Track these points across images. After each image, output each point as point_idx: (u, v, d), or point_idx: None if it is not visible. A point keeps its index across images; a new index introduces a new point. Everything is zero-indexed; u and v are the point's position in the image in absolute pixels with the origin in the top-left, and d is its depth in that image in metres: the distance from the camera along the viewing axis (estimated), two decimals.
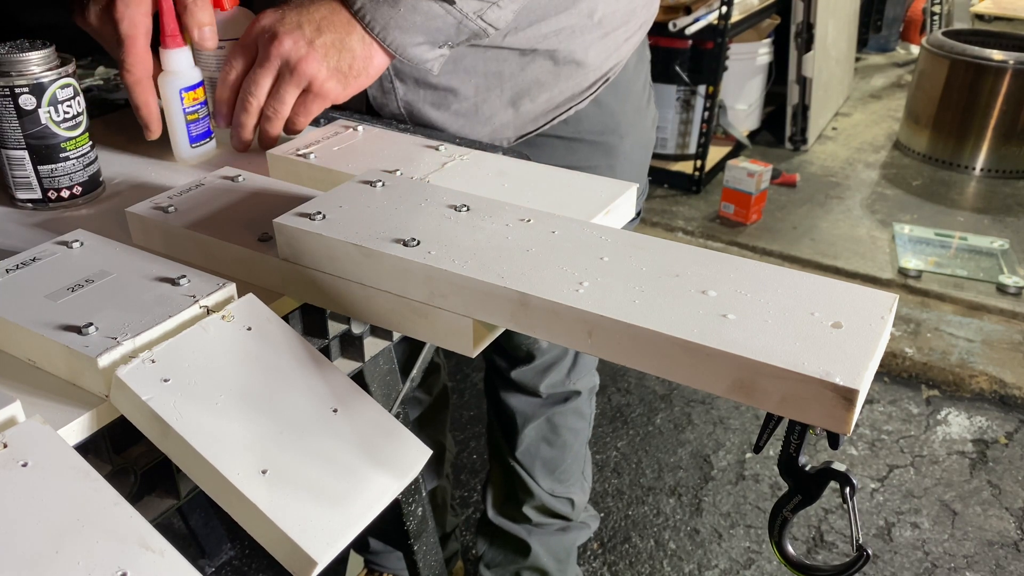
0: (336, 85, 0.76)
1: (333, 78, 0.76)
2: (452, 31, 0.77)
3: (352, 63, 0.76)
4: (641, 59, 1.07)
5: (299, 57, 0.74)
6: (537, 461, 1.29)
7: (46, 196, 0.73)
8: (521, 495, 1.33)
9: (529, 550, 1.37)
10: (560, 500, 1.34)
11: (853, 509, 0.48)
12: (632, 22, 0.98)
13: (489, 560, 1.42)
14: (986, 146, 3.18)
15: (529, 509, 1.34)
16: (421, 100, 0.92)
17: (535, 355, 1.17)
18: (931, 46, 3.26)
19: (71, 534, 0.39)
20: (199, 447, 0.45)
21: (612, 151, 1.04)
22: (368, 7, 0.75)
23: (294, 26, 0.74)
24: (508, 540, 1.38)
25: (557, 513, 1.35)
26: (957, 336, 2.23)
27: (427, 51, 0.78)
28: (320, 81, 0.75)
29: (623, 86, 1.03)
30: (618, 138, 1.04)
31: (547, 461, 1.30)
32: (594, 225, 0.57)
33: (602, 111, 1.01)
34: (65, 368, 0.50)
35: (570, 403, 1.26)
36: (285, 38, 0.74)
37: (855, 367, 0.42)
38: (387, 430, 0.51)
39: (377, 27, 0.75)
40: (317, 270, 0.57)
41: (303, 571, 0.44)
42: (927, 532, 1.66)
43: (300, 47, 0.74)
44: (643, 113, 1.09)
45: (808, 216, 2.88)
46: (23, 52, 0.68)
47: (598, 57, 0.95)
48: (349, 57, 0.76)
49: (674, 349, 0.45)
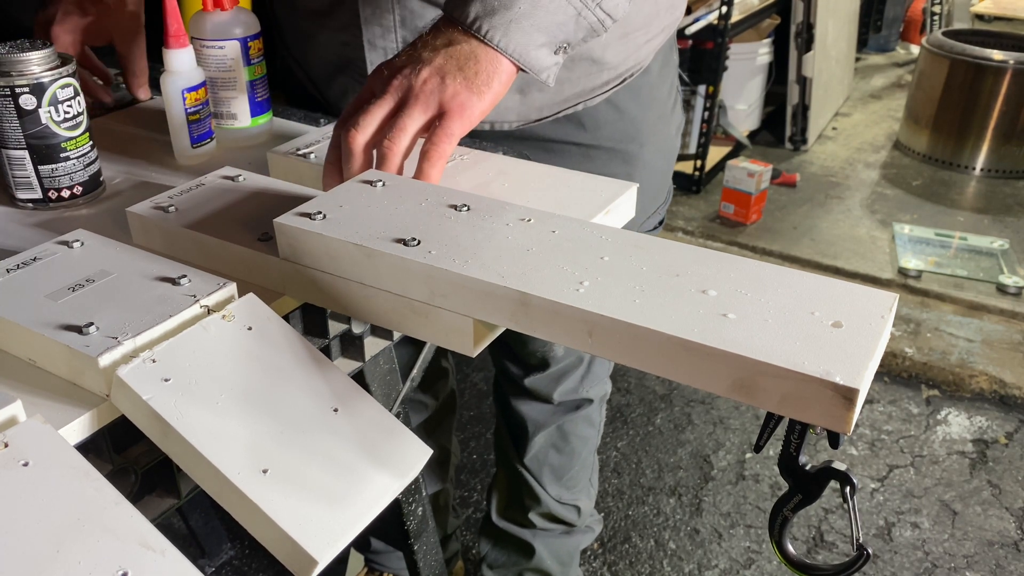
0: (471, 96, 0.67)
1: (464, 90, 0.67)
2: (571, 26, 0.71)
3: (478, 71, 0.67)
4: (667, 63, 1.04)
5: (421, 81, 0.66)
6: (545, 468, 1.29)
7: (46, 196, 0.73)
8: (527, 501, 1.33)
9: (533, 552, 1.37)
10: (566, 507, 1.34)
11: (853, 509, 0.48)
12: (654, 25, 0.96)
13: (492, 561, 1.42)
14: (986, 146, 3.18)
15: (535, 515, 1.34)
16: None
17: (550, 363, 1.16)
18: (931, 46, 3.26)
19: (72, 533, 0.39)
20: (200, 446, 0.45)
21: (631, 159, 1.01)
22: (483, 18, 0.68)
23: (411, 61, 0.68)
24: (512, 542, 1.38)
25: (562, 520, 1.35)
26: (957, 336, 2.23)
27: (547, 56, 0.71)
28: (449, 98, 0.67)
29: (646, 92, 1.00)
30: (638, 146, 1.01)
31: (555, 468, 1.30)
32: (594, 225, 0.57)
33: (622, 118, 0.99)
34: (66, 368, 0.50)
35: (581, 411, 1.26)
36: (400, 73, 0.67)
37: (855, 366, 0.42)
38: (387, 430, 0.51)
39: (497, 36, 0.67)
40: (317, 270, 0.57)
41: (304, 570, 0.44)
42: (927, 532, 1.66)
43: (423, 74, 0.67)
44: (667, 120, 1.06)
45: (808, 216, 2.88)
46: (23, 52, 0.68)
47: (616, 57, 0.94)
48: (474, 66, 0.67)
49: (674, 349, 0.45)
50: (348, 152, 0.66)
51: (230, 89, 0.84)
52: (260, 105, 0.86)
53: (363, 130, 0.65)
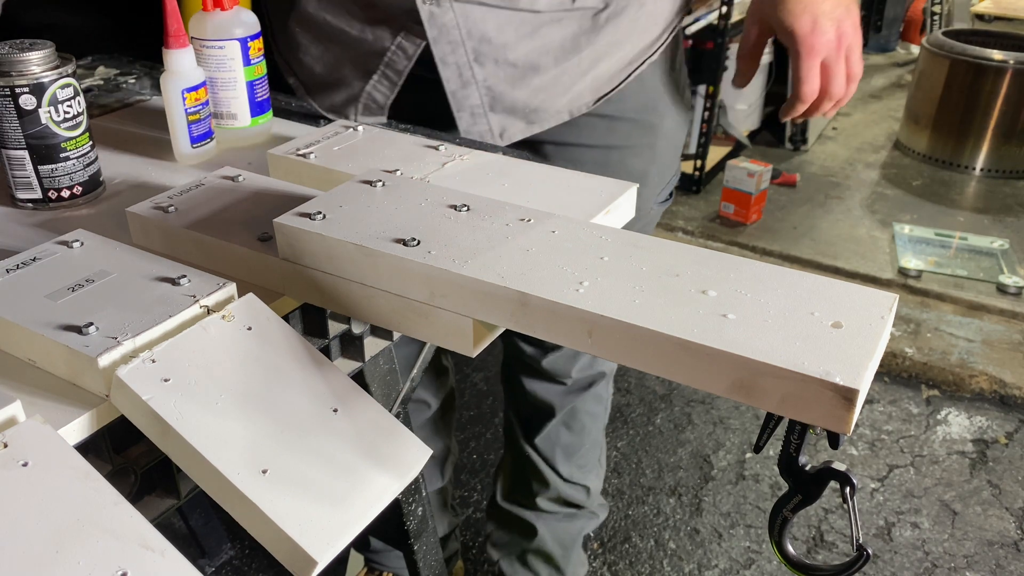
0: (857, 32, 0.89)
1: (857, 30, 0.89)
2: None
3: None
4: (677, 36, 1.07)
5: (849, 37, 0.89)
6: (557, 448, 1.30)
7: (46, 196, 0.73)
8: (535, 484, 1.34)
9: (535, 533, 1.37)
10: (576, 487, 1.34)
11: (853, 509, 0.48)
12: None
13: (496, 540, 1.43)
14: (986, 146, 3.18)
15: (542, 499, 1.35)
16: (502, 80, 0.92)
17: None
18: (931, 46, 3.26)
19: (71, 534, 0.39)
20: (199, 447, 0.45)
21: (653, 129, 1.04)
22: None
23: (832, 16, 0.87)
24: (515, 523, 1.39)
25: (570, 502, 1.36)
26: (957, 336, 2.23)
27: None
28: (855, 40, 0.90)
29: (664, 61, 1.03)
30: (659, 117, 1.03)
31: (566, 447, 1.30)
32: (594, 225, 0.57)
33: (644, 87, 1.01)
34: (65, 368, 0.50)
35: (593, 388, 1.26)
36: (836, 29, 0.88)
37: (855, 367, 0.42)
38: (387, 430, 0.51)
39: None
40: (317, 270, 0.57)
41: (303, 570, 0.44)
42: (927, 532, 1.66)
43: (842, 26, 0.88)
44: (683, 90, 1.09)
45: (808, 216, 2.88)
46: (23, 52, 0.68)
47: (665, 7, 0.97)
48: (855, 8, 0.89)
49: (674, 349, 0.45)
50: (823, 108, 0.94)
51: (230, 89, 0.84)
52: (260, 105, 0.86)
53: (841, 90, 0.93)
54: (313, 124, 0.93)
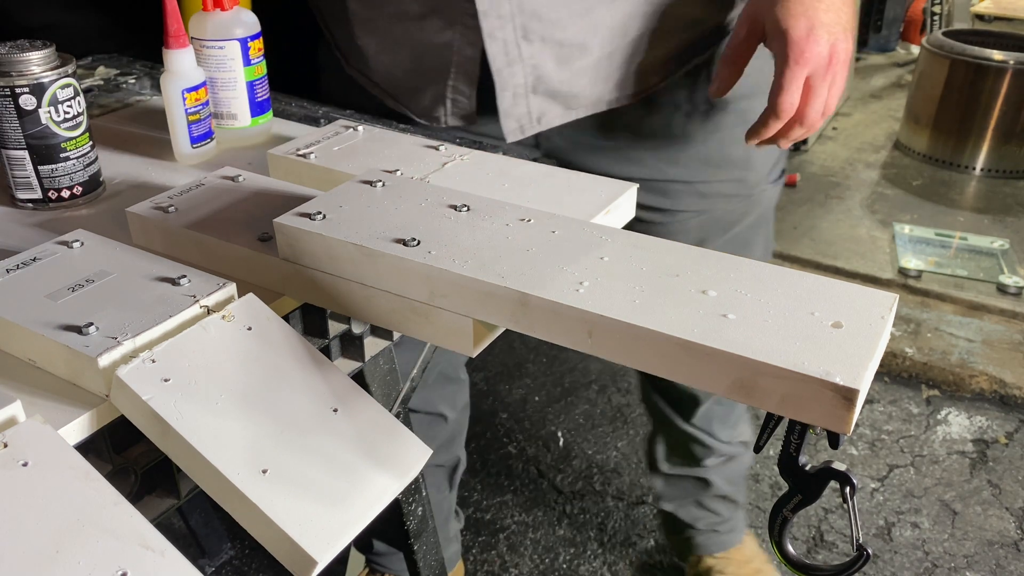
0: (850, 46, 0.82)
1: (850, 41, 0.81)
2: None
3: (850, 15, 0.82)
4: None
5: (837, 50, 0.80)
6: (714, 421, 1.31)
7: (46, 196, 0.73)
8: (698, 450, 1.35)
9: (709, 484, 1.39)
10: (734, 446, 1.36)
11: (853, 509, 0.48)
12: None
13: (667, 495, 1.44)
14: (986, 146, 3.18)
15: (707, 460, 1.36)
16: (548, 58, 0.89)
17: None
18: (931, 46, 3.26)
19: (71, 534, 0.39)
20: (199, 447, 0.45)
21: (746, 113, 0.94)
22: None
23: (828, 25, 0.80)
24: (686, 480, 1.40)
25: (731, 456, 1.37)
26: (957, 336, 2.23)
27: None
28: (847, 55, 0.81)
29: None
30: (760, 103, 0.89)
31: (722, 418, 1.31)
32: (594, 225, 0.57)
33: None
34: (65, 368, 0.50)
35: None
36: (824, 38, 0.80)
37: (855, 367, 0.42)
38: (387, 430, 0.51)
39: None
40: (317, 270, 0.57)
41: (303, 570, 0.44)
42: (927, 532, 1.66)
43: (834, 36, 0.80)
44: None
45: (808, 216, 2.88)
46: (23, 52, 0.68)
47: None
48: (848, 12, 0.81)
49: (674, 349, 0.45)
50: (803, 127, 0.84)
51: (230, 89, 0.84)
52: (260, 105, 0.86)
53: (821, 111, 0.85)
54: (313, 124, 0.93)
